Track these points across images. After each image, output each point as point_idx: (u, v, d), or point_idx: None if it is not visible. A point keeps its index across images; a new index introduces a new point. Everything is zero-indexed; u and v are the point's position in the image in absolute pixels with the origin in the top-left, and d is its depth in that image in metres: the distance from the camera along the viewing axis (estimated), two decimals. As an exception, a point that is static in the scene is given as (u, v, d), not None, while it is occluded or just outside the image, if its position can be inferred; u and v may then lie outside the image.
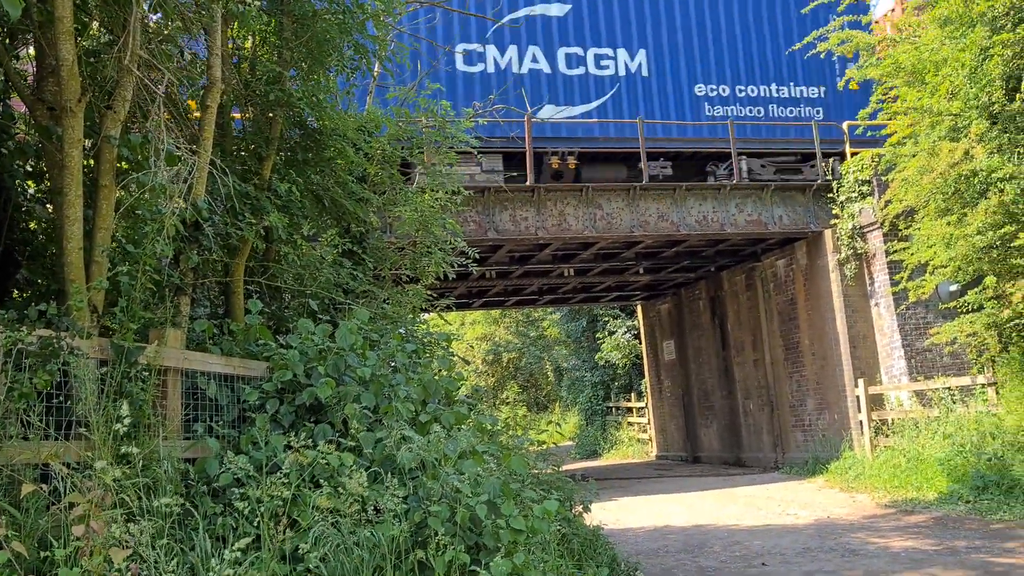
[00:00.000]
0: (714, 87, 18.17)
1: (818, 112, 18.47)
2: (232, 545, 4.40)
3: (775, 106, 18.43)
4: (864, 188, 16.96)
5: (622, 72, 17.68)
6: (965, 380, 13.91)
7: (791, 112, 18.44)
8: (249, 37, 8.24)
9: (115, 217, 5.52)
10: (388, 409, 5.99)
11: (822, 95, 18.60)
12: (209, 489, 5.08)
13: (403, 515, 5.05)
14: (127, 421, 4.51)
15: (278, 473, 5.01)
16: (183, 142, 6.21)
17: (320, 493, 4.94)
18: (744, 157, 17.44)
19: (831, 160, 17.81)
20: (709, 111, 17.93)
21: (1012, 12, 10.92)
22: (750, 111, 18.24)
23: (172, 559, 4.29)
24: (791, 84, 18.56)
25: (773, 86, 18.45)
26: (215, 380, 5.72)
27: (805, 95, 18.57)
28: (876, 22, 17.57)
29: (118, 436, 4.51)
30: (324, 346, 6.33)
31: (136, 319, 5.10)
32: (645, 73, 17.80)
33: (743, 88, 18.27)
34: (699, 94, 18.04)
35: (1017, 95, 11.17)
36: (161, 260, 5.80)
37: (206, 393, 5.64)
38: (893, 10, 15.10)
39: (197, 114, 6.83)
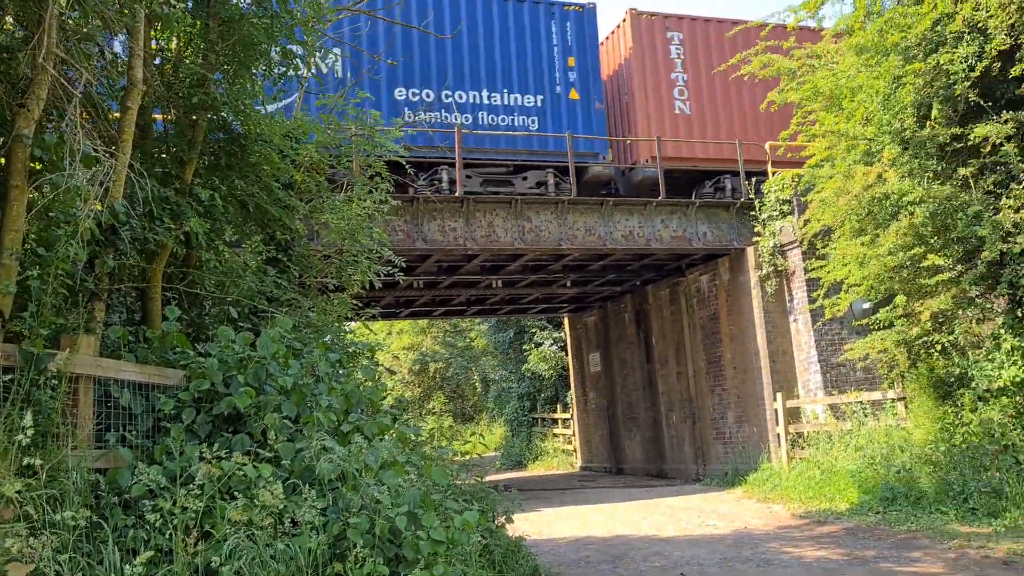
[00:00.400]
0: (416, 91, 16.92)
1: (533, 121, 17.56)
2: (138, 558, 4.29)
3: (485, 113, 17.38)
4: (785, 207, 17.45)
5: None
6: (876, 395, 14.40)
7: (504, 121, 17.42)
8: (174, 38, 8.08)
9: (27, 219, 5.34)
10: (309, 419, 5.92)
11: (539, 104, 17.69)
12: (120, 501, 4.95)
13: (321, 527, 4.99)
14: (30, 432, 4.36)
15: (191, 484, 4.91)
16: (101, 143, 6.05)
17: (235, 505, 4.85)
18: (446, 167, 16.56)
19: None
20: (410, 117, 16.49)
21: (923, 43, 11.39)
22: (461, 118, 17.06)
23: (77, 573, 4.17)
24: (504, 92, 17.56)
25: (485, 92, 17.39)
26: (129, 388, 5.58)
27: (521, 103, 17.67)
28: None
29: (21, 446, 4.36)
30: (244, 355, 6.22)
31: (47, 325, 4.94)
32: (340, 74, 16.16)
33: (451, 93, 17.11)
34: (399, 98, 16.80)
35: (927, 122, 11.65)
36: (75, 264, 5.63)
37: (120, 402, 5.49)
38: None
39: (117, 115, 6.67)
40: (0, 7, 5.68)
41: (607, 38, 20.40)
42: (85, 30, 6.05)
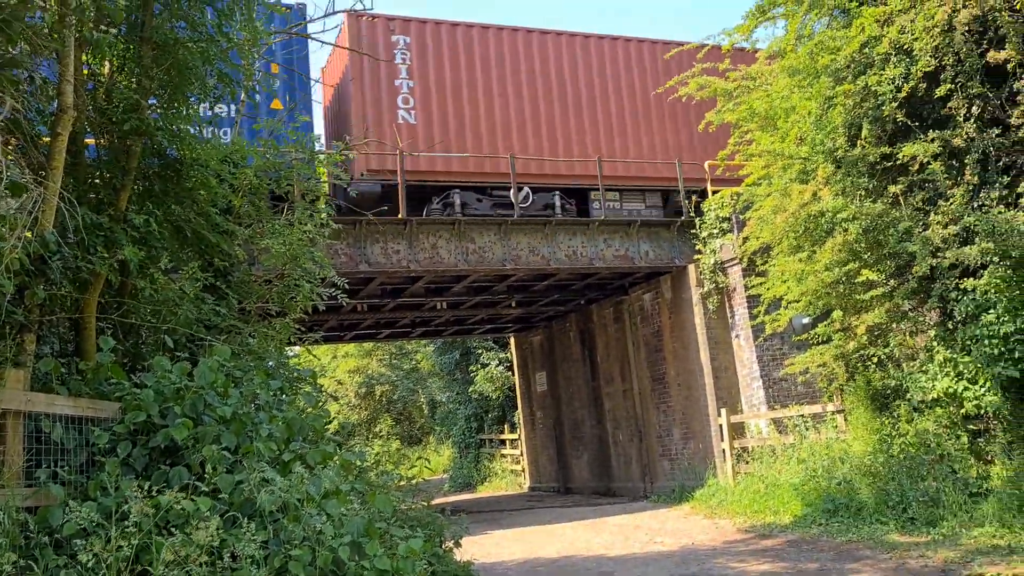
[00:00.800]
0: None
1: (226, 133, 14.79)
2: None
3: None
4: (724, 225, 17.75)
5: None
6: (817, 408, 14.68)
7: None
8: (106, 63, 7.92)
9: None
10: (249, 449, 5.81)
11: (232, 114, 14.77)
12: (52, 540, 4.79)
13: (262, 560, 4.89)
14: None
15: (126, 522, 4.77)
16: (29, 171, 5.89)
17: (172, 542, 4.73)
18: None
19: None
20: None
21: (852, 65, 11.73)
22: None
23: (6, 618, 4.01)
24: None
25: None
26: (61, 422, 5.42)
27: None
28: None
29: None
30: (181, 385, 6.09)
31: (-29, 359, 4.78)
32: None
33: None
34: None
35: (858, 141, 11.97)
36: (2, 296, 5.46)
37: (51, 436, 5.32)
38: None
39: (47, 139, 6.50)
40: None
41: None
42: (11, 56, 5.90)
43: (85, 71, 7.55)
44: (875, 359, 13.11)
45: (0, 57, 5.56)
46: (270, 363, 9.50)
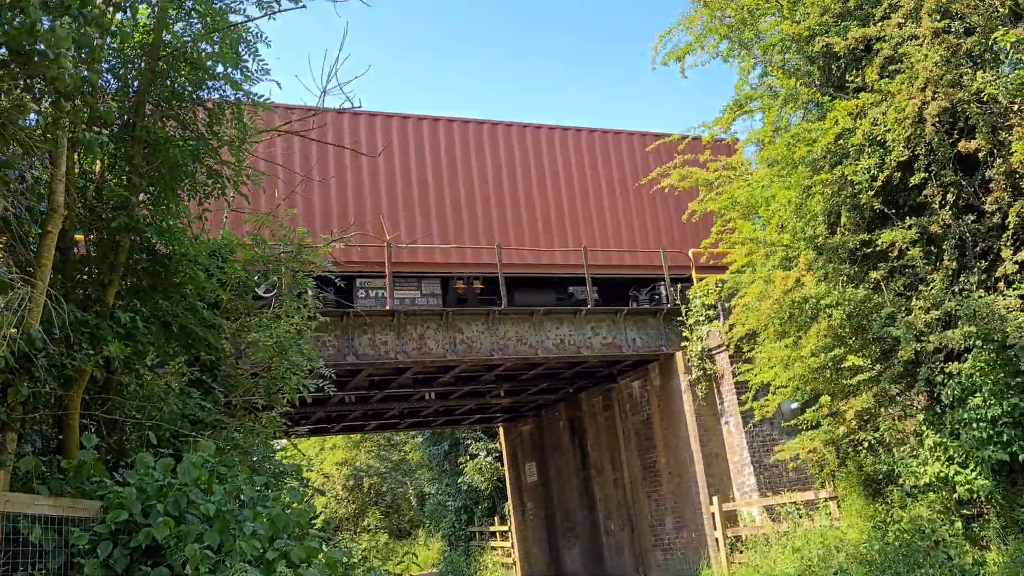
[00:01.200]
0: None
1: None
2: None
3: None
4: (711, 312, 17.87)
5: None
6: (809, 495, 14.52)
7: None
8: (97, 162, 8.06)
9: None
10: (232, 547, 5.71)
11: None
12: (26, 647, 4.65)
13: (244, 664, 4.75)
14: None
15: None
16: (16, 269, 5.93)
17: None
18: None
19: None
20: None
21: (828, 155, 12.05)
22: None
23: None
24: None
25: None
26: (41, 523, 5.31)
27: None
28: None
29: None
30: (164, 482, 6.01)
31: (-48, 459, 4.72)
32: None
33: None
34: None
35: (838, 229, 12.21)
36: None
37: (30, 538, 5.22)
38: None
39: (36, 235, 6.57)
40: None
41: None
42: (4, 156, 6.02)
43: (76, 170, 7.68)
44: (865, 444, 13.06)
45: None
46: (255, 458, 9.40)
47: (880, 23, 11.87)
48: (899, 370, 11.78)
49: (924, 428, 12.00)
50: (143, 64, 7.84)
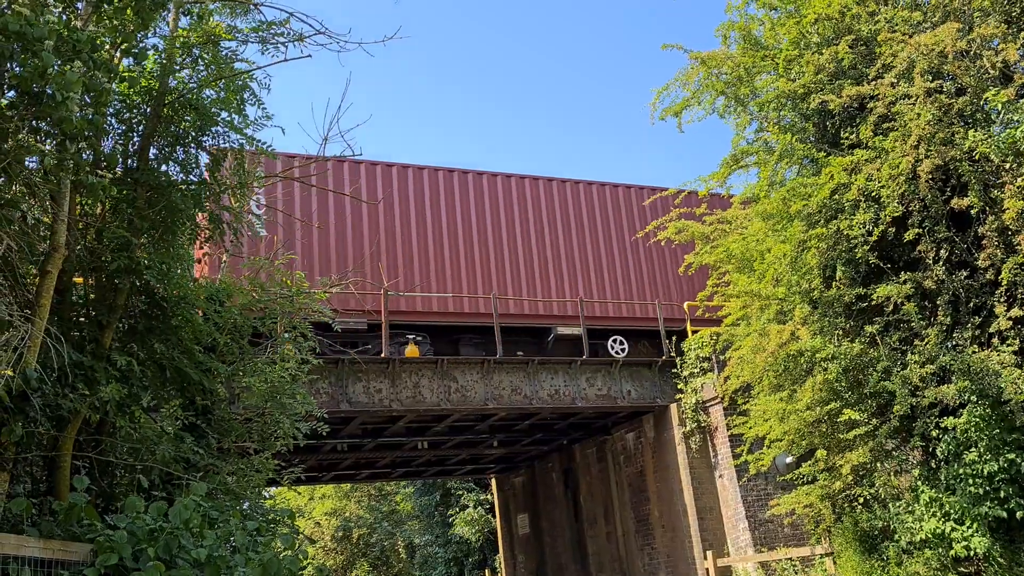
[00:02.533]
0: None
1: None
2: None
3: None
4: (705, 364, 17.86)
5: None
6: (805, 551, 14.36)
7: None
8: (99, 204, 8.11)
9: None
10: (222, 594, 5.63)
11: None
12: None
13: None
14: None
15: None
16: (16, 308, 5.94)
17: None
18: None
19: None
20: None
21: (824, 210, 12.17)
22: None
23: None
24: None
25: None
26: (30, 566, 5.24)
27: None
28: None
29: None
30: (156, 526, 5.94)
31: (-57, 498, 4.67)
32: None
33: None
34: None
35: (833, 283, 12.27)
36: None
37: (17, 581, 5.14)
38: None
39: (35, 274, 6.58)
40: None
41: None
42: (8, 196, 6.06)
43: (77, 211, 7.73)
44: (861, 499, 12.96)
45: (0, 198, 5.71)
46: (246, 504, 9.31)
47: (874, 82, 12.08)
48: (895, 424, 11.75)
49: (920, 483, 11.93)
50: (148, 109, 7.95)
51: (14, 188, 6.34)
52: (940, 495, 11.44)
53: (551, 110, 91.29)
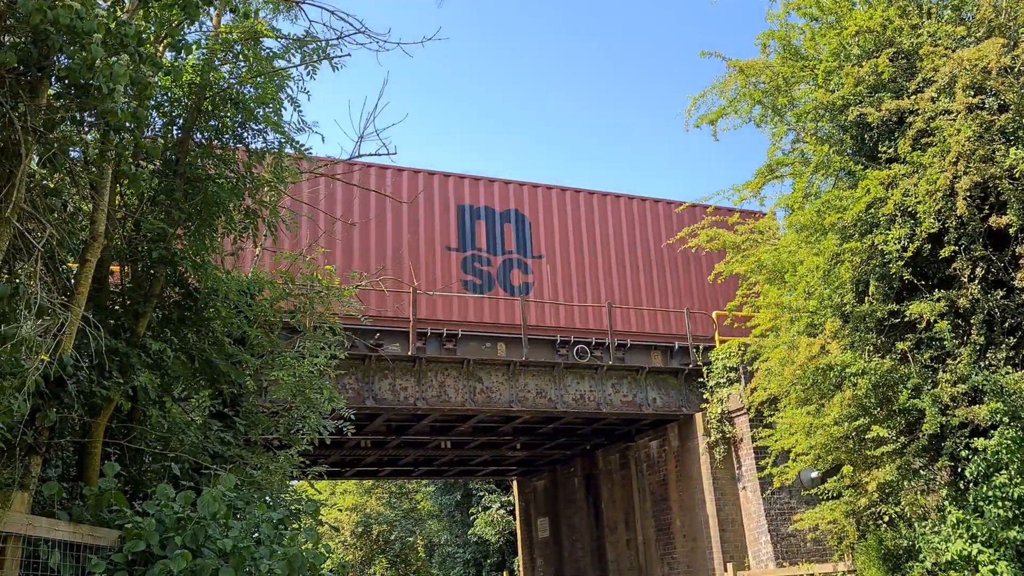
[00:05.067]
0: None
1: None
2: None
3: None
4: (732, 375, 17.75)
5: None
6: (828, 567, 14.22)
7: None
8: (138, 195, 8.23)
9: (-30, 370, 5.25)
10: (247, 585, 5.69)
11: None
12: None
13: None
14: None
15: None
16: (55, 294, 6.04)
17: None
18: None
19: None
20: None
21: (859, 224, 12.05)
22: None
23: None
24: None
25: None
26: (60, 549, 5.33)
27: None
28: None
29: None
30: (184, 514, 6.01)
31: (-21, 479, 4.77)
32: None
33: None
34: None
35: (866, 298, 12.14)
36: (15, 417, 5.49)
37: (48, 563, 5.23)
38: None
39: (73, 266, 6.70)
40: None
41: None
42: (52, 185, 6.18)
43: (117, 201, 7.85)
44: (887, 517, 12.80)
45: (44, 188, 5.82)
46: (268, 498, 9.38)
47: (914, 96, 11.95)
48: (923, 443, 11.61)
49: (947, 504, 11.77)
50: (189, 103, 8.06)
51: (56, 177, 6.46)
52: (968, 517, 11.28)
53: (573, 120, 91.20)
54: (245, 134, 8.47)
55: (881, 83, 12.53)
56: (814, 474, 15.48)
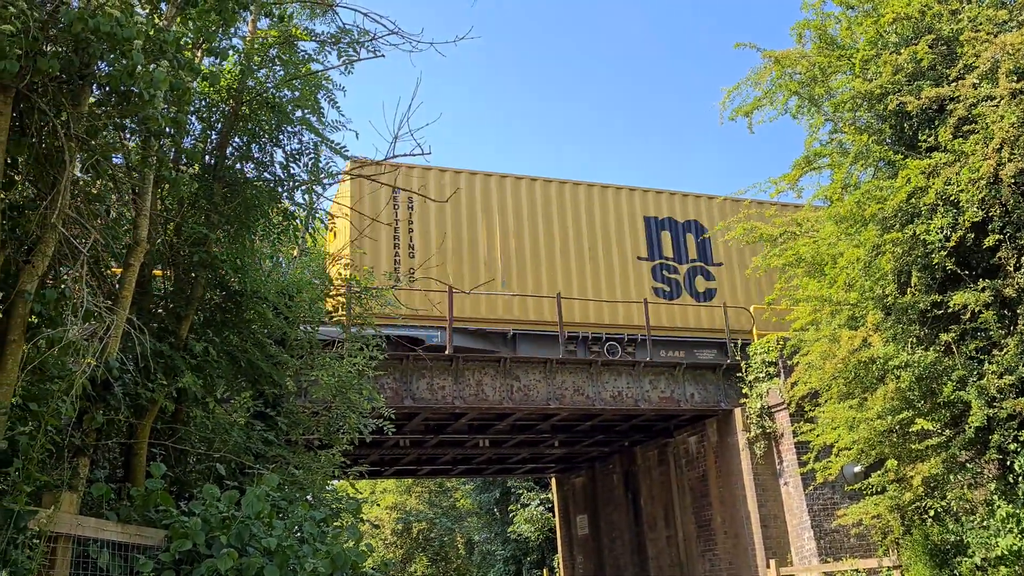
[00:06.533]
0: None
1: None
2: None
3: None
4: (771, 369, 17.57)
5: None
6: (872, 563, 14.03)
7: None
8: (178, 199, 8.34)
9: (20, 374, 5.35)
10: (292, 583, 5.74)
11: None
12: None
13: None
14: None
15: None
16: (100, 299, 6.15)
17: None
18: None
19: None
20: None
21: (899, 214, 11.86)
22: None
23: None
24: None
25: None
26: (108, 548, 5.42)
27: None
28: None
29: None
30: (229, 514, 6.09)
31: (31, 481, 4.86)
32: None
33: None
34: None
35: (908, 289, 11.95)
36: (63, 419, 5.60)
37: (97, 563, 5.32)
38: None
39: (116, 270, 6.80)
40: (15, 170, 5.90)
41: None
42: (95, 191, 6.28)
43: (158, 206, 7.96)
44: (932, 512, 12.59)
45: (87, 194, 5.92)
46: (309, 496, 9.47)
47: (954, 83, 11.74)
48: (970, 436, 11.39)
49: (996, 498, 11.56)
50: (226, 107, 8.15)
51: (99, 183, 6.56)
52: (1018, 511, 11.07)
53: (609, 112, 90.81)
54: (282, 137, 8.55)
55: (920, 71, 12.32)
56: (857, 469, 15.27)
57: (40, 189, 5.95)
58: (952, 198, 11.48)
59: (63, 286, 5.84)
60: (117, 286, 6.45)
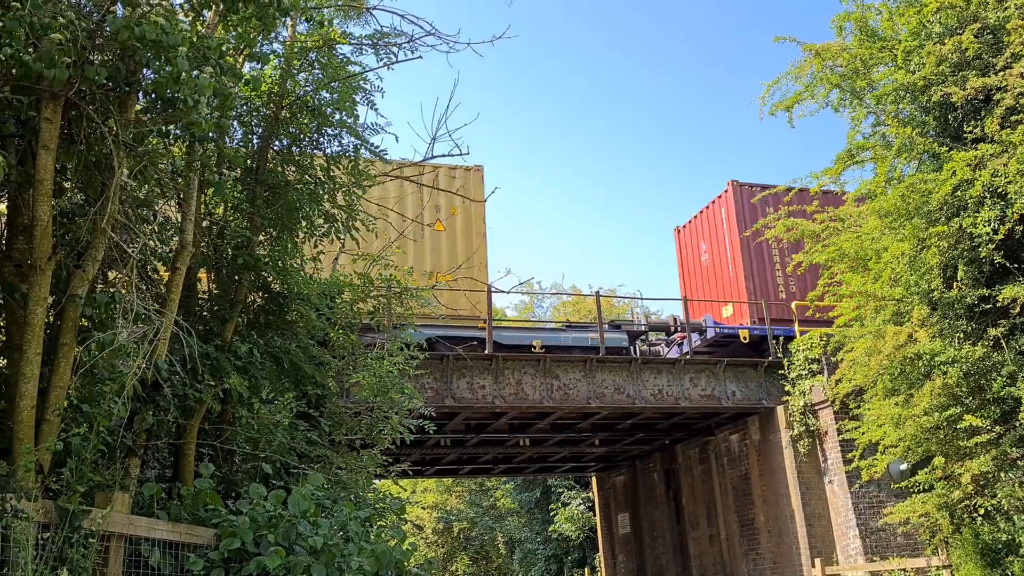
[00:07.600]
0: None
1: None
2: None
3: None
4: (814, 366, 17.36)
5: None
6: (920, 562, 13.81)
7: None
8: (221, 202, 8.47)
9: (73, 377, 5.47)
10: (338, 582, 5.80)
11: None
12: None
13: None
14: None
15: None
16: (149, 301, 6.26)
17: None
18: None
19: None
20: None
21: (945, 207, 11.65)
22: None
23: None
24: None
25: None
26: (159, 547, 5.52)
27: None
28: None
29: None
30: (275, 513, 6.17)
31: (84, 481, 4.97)
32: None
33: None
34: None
35: (954, 283, 11.74)
36: (114, 420, 5.71)
37: (149, 561, 5.42)
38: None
39: (164, 274, 6.92)
40: (65, 176, 6.03)
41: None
42: (143, 196, 6.39)
43: (202, 210, 8.09)
44: (982, 510, 12.36)
45: (135, 199, 6.02)
46: (353, 496, 9.54)
47: (1001, 73, 11.50)
48: (1021, 432, 11.17)
49: (1048, 496, 11.31)
50: (267, 111, 8.25)
51: (146, 188, 6.68)
52: (1071, 509, 10.82)
53: (640, 110, 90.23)
54: (322, 139, 8.64)
55: (965, 61, 12.10)
56: (904, 466, 15.02)
57: (89, 195, 6.08)
58: (999, 190, 11.25)
59: (113, 290, 5.95)
60: (164, 289, 6.57)
